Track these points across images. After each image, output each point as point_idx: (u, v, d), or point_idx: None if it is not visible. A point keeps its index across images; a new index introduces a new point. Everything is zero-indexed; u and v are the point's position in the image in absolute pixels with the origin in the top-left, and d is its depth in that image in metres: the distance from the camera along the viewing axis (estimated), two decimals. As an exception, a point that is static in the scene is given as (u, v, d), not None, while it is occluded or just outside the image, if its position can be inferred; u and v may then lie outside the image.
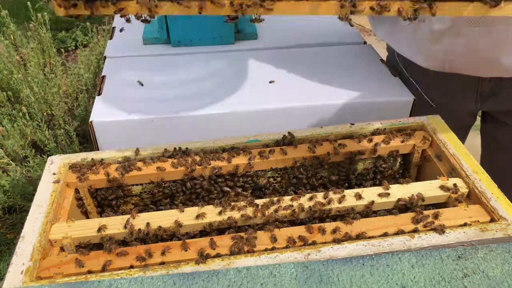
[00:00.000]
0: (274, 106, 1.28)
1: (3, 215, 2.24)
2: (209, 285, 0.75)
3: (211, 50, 1.60)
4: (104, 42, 2.57)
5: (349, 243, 0.82)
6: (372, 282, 0.75)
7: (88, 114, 2.35)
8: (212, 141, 1.08)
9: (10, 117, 2.36)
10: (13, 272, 0.79)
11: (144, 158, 1.05)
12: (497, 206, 0.88)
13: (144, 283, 0.75)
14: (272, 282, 0.75)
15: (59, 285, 0.76)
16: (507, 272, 0.76)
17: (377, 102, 1.30)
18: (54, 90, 2.33)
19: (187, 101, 1.30)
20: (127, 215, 0.93)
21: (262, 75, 1.42)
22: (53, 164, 1.04)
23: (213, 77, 1.42)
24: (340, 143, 1.07)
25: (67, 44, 3.91)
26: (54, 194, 0.95)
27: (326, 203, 0.93)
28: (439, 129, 1.10)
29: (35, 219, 0.90)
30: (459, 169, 0.99)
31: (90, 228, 0.90)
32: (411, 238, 0.83)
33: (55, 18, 4.14)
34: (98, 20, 4.15)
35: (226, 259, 0.80)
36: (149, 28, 1.71)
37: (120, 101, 1.30)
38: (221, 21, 1.57)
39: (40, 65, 2.60)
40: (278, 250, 0.82)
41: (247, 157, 1.04)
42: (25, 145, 2.20)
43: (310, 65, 1.49)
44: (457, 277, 0.75)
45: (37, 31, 2.64)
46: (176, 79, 1.41)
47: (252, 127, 1.28)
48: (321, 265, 0.78)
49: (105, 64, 1.52)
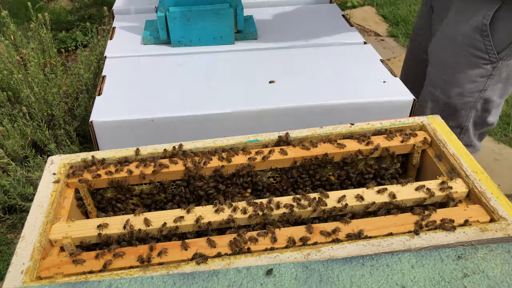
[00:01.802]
0: (274, 106, 1.28)
1: (3, 215, 2.24)
2: (209, 285, 0.75)
3: (211, 50, 1.60)
4: (104, 42, 2.57)
5: (349, 243, 0.83)
6: (372, 282, 0.75)
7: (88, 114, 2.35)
8: (212, 141, 1.08)
9: (10, 117, 2.36)
10: (13, 272, 0.79)
11: (144, 158, 1.05)
12: (497, 206, 0.88)
13: (144, 283, 0.75)
14: (272, 282, 0.75)
15: (59, 285, 0.76)
16: (507, 272, 0.76)
17: (377, 102, 1.30)
18: (54, 90, 2.33)
19: (187, 101, 1.30)
20: (127, 215, 0.93)
21: (262, 75, 1.42)
22: (53, 164, 1.04)
23: (213, 77, 1.43)
24: (340, 143, 1.07)
25: (67, 44, 3.91)
26: (54, 194, 0.96)
27: (325, 203, 0.93)
28: (439, 129, 1.10)
29: (35, 219, 0.90)
30: (459, 169, 0.99)
31: (90, 228, 0.90)
32: (411, 238, 0.83)
33: (55, 18, 4.14)
34: (98, 20, 4.15)
35: (226, 259, 0.80)
36: (149, 28, 1.71)
37: (120, 101, 1.30)
38: (221, 21, 1.57)
39: (41, 65, 2.61)
40: (278, 250, 0.82)
41: (247, 157, 1.04)
42: (25, 145, 2.20)
43: (310, 65, 1.49)
44: (457, 277, 0.75)
45: (38, 31, 2.64)
46: (176, 79, 1.42)
47: (252, 127, 1.28)
48: (321, 265, 0.78)
49: (105, 64, 1.52)
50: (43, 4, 4.41)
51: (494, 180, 0.97)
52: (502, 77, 1.54)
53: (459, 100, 1.60)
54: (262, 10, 1.92)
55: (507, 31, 1.44)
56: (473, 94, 1.58)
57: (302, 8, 1.92)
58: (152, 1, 1.94)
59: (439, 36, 1.60)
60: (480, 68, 1.52)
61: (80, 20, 4.20)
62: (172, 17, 1.55)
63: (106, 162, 1.04)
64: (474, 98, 1.58)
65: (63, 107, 2.39)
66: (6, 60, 2.49)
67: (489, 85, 1.55)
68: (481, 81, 1.54)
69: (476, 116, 1.65)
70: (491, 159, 2.70)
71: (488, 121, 1.69)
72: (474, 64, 1.52)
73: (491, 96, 1.59)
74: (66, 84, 2.55)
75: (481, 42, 1.47)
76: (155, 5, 1.63)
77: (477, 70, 1.53)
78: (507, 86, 1.57)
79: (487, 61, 1.50)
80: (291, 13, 1.88)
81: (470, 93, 1.58)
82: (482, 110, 1.64)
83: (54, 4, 4.54)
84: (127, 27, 1.76)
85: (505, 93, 1.61)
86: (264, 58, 1.53)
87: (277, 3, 1.98)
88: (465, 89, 1.57)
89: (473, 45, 1.49)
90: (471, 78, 1.55)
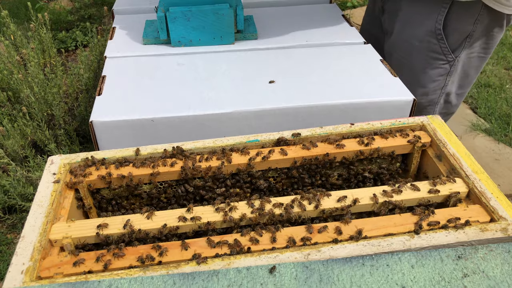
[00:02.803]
0: (274, 106, 1.28)
1: (3, 215, 2.25)
2: (209, 285, 0.75)
3: (211, 50, 1.60)
4: (104, 42, 2.57)
5: (349, 243, 0.83)
6: (372, 282, 0.75)
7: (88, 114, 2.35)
8: (212, 141, 1.08)
9: (10, 117, 2.36)
10: (13, 272, 0.79)
11: (144, 158, 1.05)
12: (497, 206, 0.88)
13: (144, 283, 0.76)
14: (272, 282, 0.75)
15: (59, 285, 0.76)
16: (507, 272, 0.76)
17: (377, 102, 1.30)
18: (54, 90, 2.33)
19: (187, 101, 1.30)
20: (127, 215, 0.93)
21: (262, 75, 1.43)
22: (53, 164, 1.04)
23: (213, 77, 1.43)
24: (340, 143, 1.07)
25: (67, 44, 3.92)
26: (54, 194, 0.96)
27: (325, 203, 0.93)
28: (439, 129, 1.10)
29: (35, 219, 0.90)
30: (459, 169, 0.99)
31: (90, 228, 0.90)
32: (411, 238, 0.83)
33: (55, 18, 4.14)
34: (98, 20, 4.15)
35: (226, 259, 0.80)
36: (149, 28, 1.71)
37: (120, 101, 1.30)
38: (221, 21, 1.57)
39: (40, 65, 2.61)
40: (278, 250, 0.82)
41: (247, 157, 1.04)
42: (25, 145, 2.20)
43: (310, 65, 1.49)
44: (457, 277, 0.75)
45: (37, 31, 2.64)
46: (176, 79, 1.42)
47: (252, 127, 1.28)
48: (321, 265, 0.78)
49: (105, 64, 1.52)
50: (43, 4, 4.41)
51: (494, 180, 0.97)
52: (458, 71, 1.66)
53: (425, 99, 1.71)
54: (262, 10, 1.92)
55: (459, 32, 1.54)
56: (436, 91, 1.69)
57: (302, 8, 1.92)
58: (152, 1, 1.94)
59: (396, 38, 1.69)
60: (439, 68, 1.63)
61: (80, 20, 4.20)
62: (172, 17, 1.55)
63: (106, 162, 1.04)
64: (437, 95, 1.71)
65: (63, 107, 2.39)
66: (6, 60, 2.50)
67: (448, 81, 1.67)
68: (442, 79, 1.66)
69: (440, 108, 1.78)
70: (491, 159, 2.70)
71: (450, 110, 1.83)
72: (434, 65, 1.63)
73: (451, 89, 1.72)
74: (66, 84, 2.55)
75: (437, 46, 1.58)
76: (155, 5, 1.63)
77: (436, 70, 1.64)
78: (463, 77, 1.70)
79: (445, 61, 1.61)
80: (291, 13, 1.88)
81: (433, 91, 1.69)
82: (444, 103, 1.76)
83: (54, 4, 4.54)
84: (127, 27, 1.76)
85: (464, 84, 1.73)
86: (264, 58, 1.53)
87: (277, 3, 1.98)
88: (429, 88, 1.68)
89: (430, 48, 1.59)
90: (433, 78, 1.66)
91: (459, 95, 1.77)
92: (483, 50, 1.62)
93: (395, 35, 1.69)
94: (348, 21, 1.81)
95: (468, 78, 1.72)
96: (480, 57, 1.65)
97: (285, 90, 1.35)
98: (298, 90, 1.34)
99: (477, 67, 1.68)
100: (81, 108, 2.43)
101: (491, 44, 1.61)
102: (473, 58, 1.64)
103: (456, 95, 1.76)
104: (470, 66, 1.67)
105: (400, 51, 1.68)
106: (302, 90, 1.35)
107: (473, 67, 1.67)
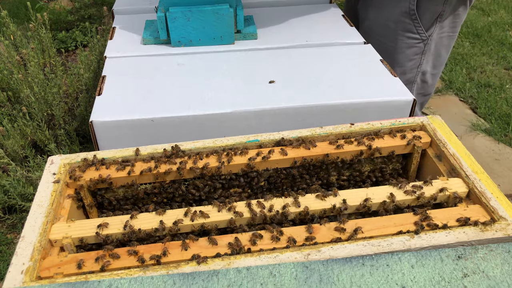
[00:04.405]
0: (274, 106, 1.28)
1: (3, 215, 2.25)
2: (209, 285, 0.75)
3: (211, 50, 1.60)
4: (104, 42, 2.57)
5: (349, 243, 0.83)
6: (372, 282, 0.75)
7: (88, 114, 2.35)
8: (212, 141, 1.08)
9: (10, 117, 2.36)
10: (13, 272, 0.79)
11: (144, 158, 1.05)
12: (497, 206, 0.88)
13: (144, 283, 0.76)
14: (272, 282, 0.75)
15: (59, 285, 0.76)
16: (507, 272, 0.76)
17: (377, 102, 1.30)
18: (54, 90, 2.33)
19: (187, 101, 1.30)
20: (127, 215, 0.93)
21: (262, 75, 1.42)
22: (53, 164, 1.04)
23: (213, 77, 1.43)
24: (340, 143, 1.07)
25: (67, 44, 3.92)
26: (54, 194, 0.96)
27: (325, 204, 0.93)
28: (439, 129, 1.10)
29: (35, 219, 0.90)
30: (459, 169, 0.99)
31: (90, 228, 0.90)
32: (411, 238, 0.83)
33: (55, 18, 4.14)
34: (98, 20, 4.15)
35: (226, 259, 0.80)
36: (149, 28, 1.71)
37: (120, 101, 1.30)
38: (221, 21, 1.57)
39: (40, 65, 2.61)
40: (278, 250, 0.82)
41: (247, 157, 1.04)
42: (25, 145, 2.20)
43: (310, 65, 1.49)
44: (457, 277, 0.75)
45: (37, 31, 2.64)
46: (176, 79, 1.42)
47: (252, 127, 1.28)
48: (321, 265, 0.78)
49: (105, 64, 1.52)
50: (43, 4, 4.41)
51: (494, 180, 0.97)
52: (431, 50, 1.80)
53: (403, 78, 1.81)
54: (262, 10, 1.92)
55: (431, 11, 1.68)
56: (412, 70, 1.83)
57: (302, 8, 1.92)
58: (152, 1, 1.94)
59: (372, 23, 1.81)
60: (415, 47, 1.77)
61: (80, 20, 4.20)
62: (172, 17, 1.55)
63: (106, 162, 1.04)
64: (414, 73, 1.84)
65: (63, 107, 2.39)
66: (6, 60, 2.50)
67: (423, 59, 1.81)
68: (417, 58, 1.80)
69: (418, 88, 1.91)
70: (491, 159, 2.70)
71: (428, 91, 1.96)
72: (409, 44, 1.76)
73: (426, 68, 1.86)
74: (66, 84, 2.55)
75: (411, 25, 1.71)
76: (155, 5, 1.62)
77: (412, 49, 1.77)
78: (436, 57, 1.85)
79: (419, 40, 1.75)
80: (291, 13, 1.88)
81: (410, 70, 1.83)
82: (421, 82, 1.89)
83: (54, 4, 4.54)
84: (127, 27, 1.76)
85: (437, 63, 1.88)
86: (264, 58, 1.53)
87: (277, 3, 1.98)
88: (406, 67, 1.82)
89: (405, 28, 1.72)
90: (409, 57, 1.79)
91: (433, 75, 1.91)
92: (451, 29, 1.78)
93: (371, 20, 1.82)
94: (348, 21, 1.81)
95: (440, 58, 1.87)
96: (449, 36, 1.80)
97: (285, 90, 1.35)
98: (298, 90, 1.34)
99: (447, 46, 1.84)
100: (81, 108, 2.43)
101: (458, 23, 1.78)
102: (444, 38, 1.79)
103: (431, 75, 1.90)
104: (442, 45, 1.81)
105: (377, 34, 1.79)
106: (302, 90, 1.35)
107: (444, 46, 1.83)
